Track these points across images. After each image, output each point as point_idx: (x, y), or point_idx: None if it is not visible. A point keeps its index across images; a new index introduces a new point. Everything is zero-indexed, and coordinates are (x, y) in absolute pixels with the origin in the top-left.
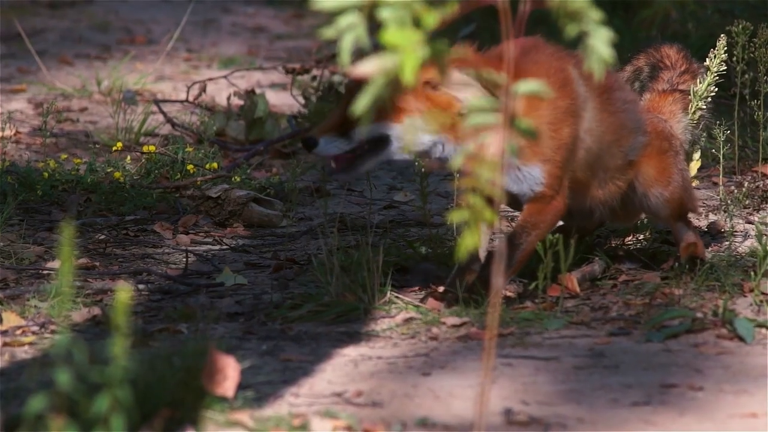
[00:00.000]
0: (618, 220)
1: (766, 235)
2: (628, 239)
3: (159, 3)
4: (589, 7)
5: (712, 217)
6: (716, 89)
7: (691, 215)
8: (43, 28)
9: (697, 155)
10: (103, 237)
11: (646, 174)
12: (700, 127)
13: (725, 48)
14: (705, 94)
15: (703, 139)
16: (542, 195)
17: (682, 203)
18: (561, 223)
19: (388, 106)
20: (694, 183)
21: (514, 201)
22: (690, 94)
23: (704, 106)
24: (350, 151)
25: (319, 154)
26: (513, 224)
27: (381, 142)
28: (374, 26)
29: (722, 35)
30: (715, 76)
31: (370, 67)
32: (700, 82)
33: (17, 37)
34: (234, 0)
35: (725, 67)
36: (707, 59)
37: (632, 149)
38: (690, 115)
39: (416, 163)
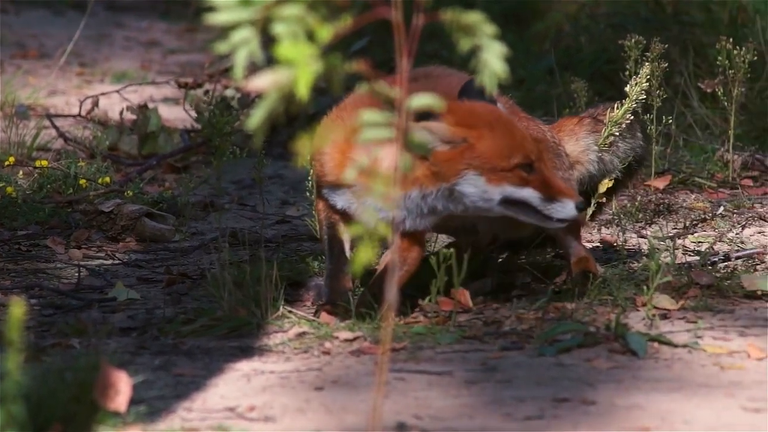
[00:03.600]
0: (510, 233)
1: (658, 249)
2: (521, 254)
3: (52, 17)
4: (483, 21)
5: (604, 231)
6: (631, 116)
7: (583, 229)
8: None
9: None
10: None
11: None
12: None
13: (647, 77)
14: (621, 121)
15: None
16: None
17: None
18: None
19: None
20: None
21: None
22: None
23: (617, 132)
24: None
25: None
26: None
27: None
28: (268, 40)
29: (646, 64)
30: (633, 104)
31: (264, 82)
32: (617, 108)
33: None
34: (127, 14)
35: (644, 96)
36: (627, 87)
37: None
38: (602, 139)
39: (308, 178)
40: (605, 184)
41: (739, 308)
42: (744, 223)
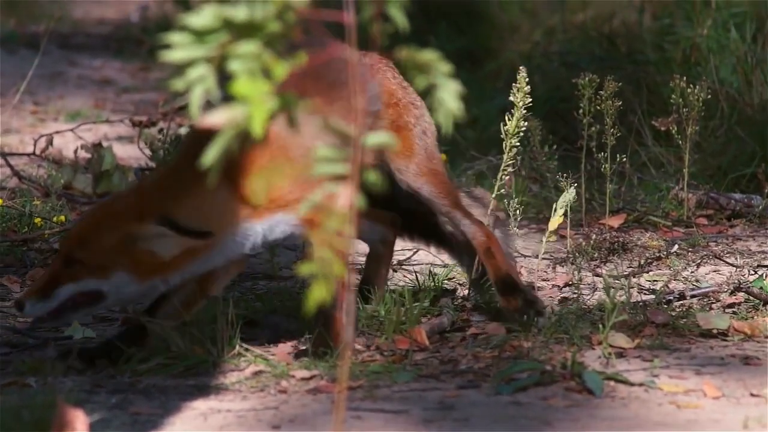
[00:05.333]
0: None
1: (613, 287)
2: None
3: (4, 55)
4: (438, 59)
5: (559, 270)
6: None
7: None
8: None
9: (561, 211)
10: None
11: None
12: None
13: (527, 80)
14: (516, 131)
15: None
16: None
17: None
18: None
19: (94, 263)
20: (552, 238)
21: None
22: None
23: (518, 144)
24: (56, 308)
25: (27, 316)
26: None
27: (93, 296)
28: (224, 78)
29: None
30: (522, 111)
31: (219, 118)
32: (509, 119)
33: None
34: (80, 53)
35: (531, 100)
36: (511, 94)
37: None
38: (506, 153)
39: None
40: (558, 219)
41: (694, 347)
42: (699, 261)
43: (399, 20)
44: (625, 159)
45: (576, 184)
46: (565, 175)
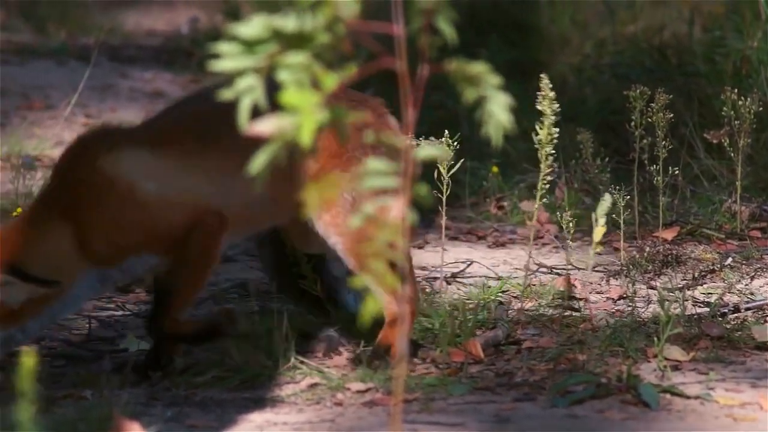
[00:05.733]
0: None
1: (667, 300)
2: (529, 304)
3: (56, 68)
4: (487, 72)
5: (613, 283)
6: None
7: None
8: None
9: (602, 221)
10: None
11: None
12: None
13: (550, 86)
14: (549, 139)
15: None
16: None
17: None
18: None
19: None
20: (598, 249)
21: None
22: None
23: (553, 152)
24: None
25: None
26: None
27: None
28: (272, 88)
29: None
30: (552, 118)
31: (267, 127)
32: (540, 129)
33: None
34: (131, 65)
35: (558, 105)
36: (537, 104)
37: None
38: (542, 162)
39: None
40: (602, 229)
41: (750, 360)
42: (753, 274)
43: (447, 32)
44: (677, 171)
45: (629, 197)
46: (617, 187)
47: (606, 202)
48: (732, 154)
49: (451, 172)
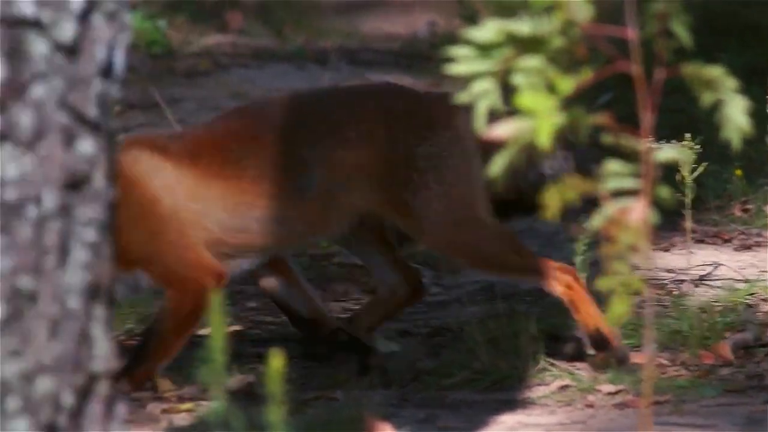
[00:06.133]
0: None
1: None
2: None
3: (294, 72)
4: (724, 75)
5: None
6: None
7: None
8: (181, 97)
9: None
10: (253, 305)
11: None
12: None
13: None
14: None
15: None
16: None
17: None
18: None
19: None
20: None
21: None
22: None
23: None
24: None
25: None
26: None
27: None
28: (507, 92)
29: None
30: None
31: (505, 131)
32: None
33: (156, 106)
34: (370, 69)
35: None
36: None
37: None
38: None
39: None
40: None
41: None
42: None
43: (683, 36)
44: None
45: None
46: None
47: None
48: None
49: (694, 175)
